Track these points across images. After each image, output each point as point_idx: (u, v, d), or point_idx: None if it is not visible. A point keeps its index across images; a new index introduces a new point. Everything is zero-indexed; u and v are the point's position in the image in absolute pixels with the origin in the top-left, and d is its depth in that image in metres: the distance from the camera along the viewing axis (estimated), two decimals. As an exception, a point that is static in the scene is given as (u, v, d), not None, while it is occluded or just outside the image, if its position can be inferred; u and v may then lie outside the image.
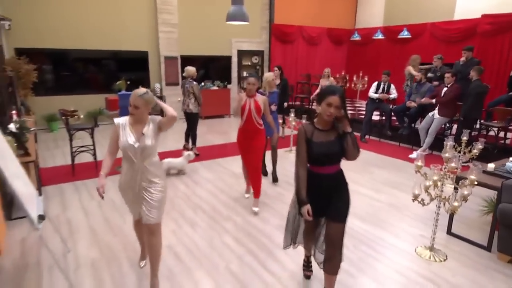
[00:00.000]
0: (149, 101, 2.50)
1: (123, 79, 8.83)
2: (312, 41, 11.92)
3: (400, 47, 10.57)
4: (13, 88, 5.53)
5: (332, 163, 2.43)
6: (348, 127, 2.30)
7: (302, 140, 2.39)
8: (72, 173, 5.31)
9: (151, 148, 2.57)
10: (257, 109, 4.04)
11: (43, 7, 7.85)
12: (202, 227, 3.86)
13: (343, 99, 2.24)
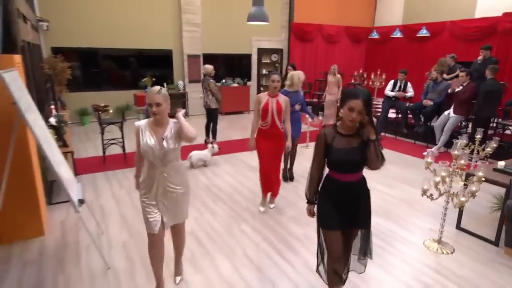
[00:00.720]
0: (167, 96, 2.38)
1: (149, 76, 9.19)
2: (331, 39, 11.93)
3: (419, 46, 10.46)
4: (52, 84, 5.90)
5: (353, 171, 2.23)
6: (372, 134, 2.08)
7: (320, 145, 2.23)
8: (104, 164, 5.66)
9: (173, 152, 2.42)
10: (279, 110, 3.81)
11: (76, 9, 8.25)
12: (221, 216, 4.08)
13: (368, 103, 2.02)
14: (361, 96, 2.00)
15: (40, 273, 2.95)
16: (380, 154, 2.12)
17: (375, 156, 2.10)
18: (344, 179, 2.24)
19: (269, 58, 11.58)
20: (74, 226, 3.74)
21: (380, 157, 2.11)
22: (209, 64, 6.86)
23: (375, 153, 2.09)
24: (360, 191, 2.32)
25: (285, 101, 3.85)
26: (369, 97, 2.04)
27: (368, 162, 2.14)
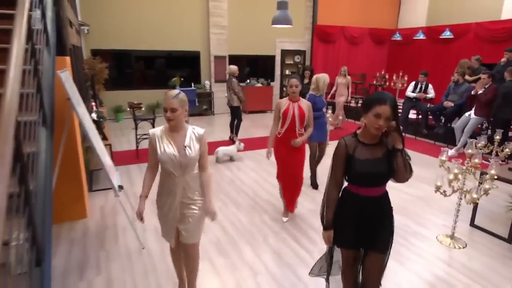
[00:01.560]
0: (184, 101, 2.16)
1: (178, 76, 9.57)
2: (353, 40, 11.94)
3: (442, 47, 10.32)
4: (93, 83, 6.34)
5: (377, 185, 1.97)
6: (399, 143, 1.84)
7: (340, 157, 1.96)
8: (137, 157, 6.03)
9: (195, 160, 2.25)
10: (301, 116, 3.53)
11: (112, 14, 8.73)
12: (244, 207, 4.32)
13: (395, 109, 1.79)
14: (388, 101, 1.77)
15: (84, 249, 3.29)
16: (409, 165, 1.87)
17: (403, 167, 1.85)
18: (366, 194, 1.98)
19: (292, 59, 11.74)
20: (112, 210, 4.09)
21: (408, 168, 1.86)
22: (234, 64, 7.13)
23: (403, 164, 1.84)
24: (382, 208, 2.05)
25: (308, 106, 3.59)
26: (395, 101, 1.81)
27: (395, 174, 1.90)
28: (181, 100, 2.14)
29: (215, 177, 5.25)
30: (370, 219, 2.02)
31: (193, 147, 2.22)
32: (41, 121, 2.44)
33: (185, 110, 2.18)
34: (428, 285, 2.90)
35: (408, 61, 11.36)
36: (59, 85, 2.87)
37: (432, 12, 11.19)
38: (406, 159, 1.88)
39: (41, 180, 2.19)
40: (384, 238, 2.06)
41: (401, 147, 1.86)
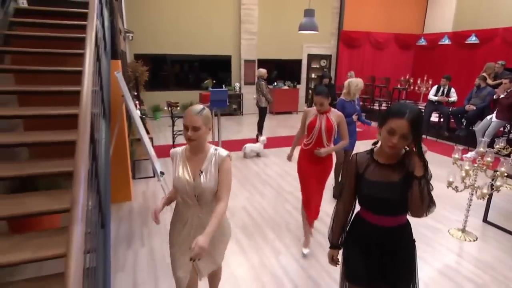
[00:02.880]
0: (208, 118, 1.81)
1: (210, 79, 10.02)
2: (378, 46, 11.93)
3: (468, 52, 10.13)
4: (136, 84, 6.87)
5: (390, 213, 1.62)
6: (419, 169, 1.46)
7: (350, 174, 1.71)
8: (173, 151, 6.48)
9: (212, 189, 1.84)
10: (329, 129, 3.09)
11: (152, 22, 9.30)
12: (268, 197, 4.61)
13: (416, 125, 1.42)
14: (407, 114, 1.41)
15: (130, 226, 3.71)
16: (428, 197, 1.47)
17: (419, 200, 1.46)
18: (378, 222, 1.64)
19: (318, 63, 11.91)
20: (152, 195, 4.51)
21: (426, 202, 1.46)
22: (262, 68, 7.44)
23: (420, 196, 1.45)
24: (398, 242, 1.67)
25: (338, 117, 3.13)
26: (418, 116, 1.42)
27: (409, 205, 1.52)
28: (205, 117, 1.78)
29: (243, 172, 5.58)
30: (382, 253, 1.65)
31: (210, 173, 1.83)
32: (102, 114, 2.85)
33: (208, 129, 1.82)
34: (437, 271, 3.05)
35: (434, 66, 11.22)
36: (114, 84, 3.29)
37: (459, 17, 11.00)
38: (425, 189, 1.45)
39: (102, 161, 2.59)
40: (402, 275, 1.69)
41: (420, 174, 1.44)
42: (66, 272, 1.30)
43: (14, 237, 2.27)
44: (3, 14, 3.32)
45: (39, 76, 3.38)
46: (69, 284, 1.24)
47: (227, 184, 1.87)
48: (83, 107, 1.99)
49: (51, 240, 2.14)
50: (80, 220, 1.48)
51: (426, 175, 1.47)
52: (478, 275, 3.00)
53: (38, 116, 2.86)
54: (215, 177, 1.85)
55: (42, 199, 2.38)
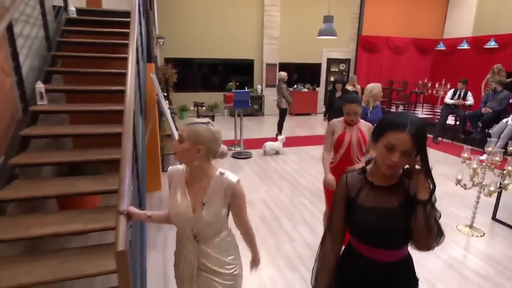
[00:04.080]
0: (194, 135, 1.40)
1: (233, 81, 10.32)
2: (397, 50, 11.85)
3: (486, 57, 9.91)
4: (166, 86, 7.24)
5: (389, 246, 1.29)
6: (423, 192, 1.17)
7: (340, 199, 1.34)
8: (198, 147, 6.80)
9: (215, 224, 1.50)
10: (361, 142, 2.70)
11: (182, 28, 9.71)
12: (286, 191, 4.80)
13: (419, 139, 1.13)
14: (409, 126, 1.12)
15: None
16: (435, 226, 1.18)
17: (425, 229, 1.17)
18: (375, 257, 1.30)
19: (337, 67, 11.96)
20: (180, 186, 4.81)
21: (434, 231, 1.17)
22: (283, 71, 7.63)
23: (426, 225, 1.16)
24: (399, 281, 1.33)
25: (369, 129, 2.71)
26: (421, 128, 1.14)
27: (414, 236, 1.22)
28: (192, 131, 1.41)
29: (262, 168, 5.79)
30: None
31: (214, 204, 1.47)
32: (139, 111, 3.15)
33: (196, 150, 1.41)
34: (443, 262, 3.14)
35: (452, 70, 11.03)
36: (149, 85, 3.59)
37: (479, 22, 10.76)
38: (432, 217, 1.16)
39: (140, 151, 2.88)
40: None
41: (424, 198, 1.16)
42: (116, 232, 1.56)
43: (66, 212, 2.59)
44: (57, 24, 3.71)
45: (83, 77, 3.73)
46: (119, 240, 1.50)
47: (244, 211, 1.59)
48: (127, 104, 2.27)
49: (96, 216, 2.43)
50: (126, 194, 1.74)
51: (431, 199, 1.16)
52: (483, 268, 3.07)
53: (86, 112, 3.20)
54: (220, 208, 1.48)
55: (89, 182, 2.68)
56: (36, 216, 2.50)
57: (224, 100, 10.11)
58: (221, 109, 10.41)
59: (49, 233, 2.17)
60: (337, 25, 7.06)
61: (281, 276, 2.91)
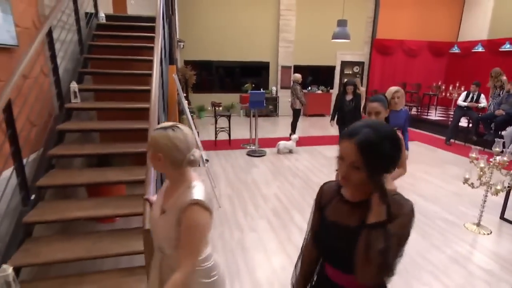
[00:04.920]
0: (156, 143, 1.27)
1: (249, 83, 10.49)
2: (411, 53, 11.70)
3: (502, 60, 9.67)
4: (186, 87, 7.47)
5: (349, 270, 1.02)
6: (374, 214, 0.97)
7: (314, 206, 1.25)
8: (215, 145, 6.98)
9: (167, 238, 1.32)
10: None
11: (201, 32, 9.95)
12: (297, 187, 4.91)
13: (368, 152, 0.94)
14: (358, 135, 0.96)
15: (179, 204, 4.19)
16: (379, 258, 0.93)
17: (363, 257, 0.96)
18: (334, 279, 1.14)
19: (351, 69, 11.94)
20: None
21: (375, 263, 0.94)
22: (298, 73, 7.72)
23: (364, 252, 0.95)
24: None
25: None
26: (372, 140, 0.95)
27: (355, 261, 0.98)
28: (151, 138, 1.30)
29: (276, 165, 5.91)
30: None
31: (169, 217, 1.30)
32: (162, 109, 3.34)
33: (157, 158, 1.28)
34: (448, 257, 3.18)
35: (467, 73, 10.81)
36: (171, 85, 3.78)
37: (494, 25, 10.51)
38: (376, 245, 0.93)
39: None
40: None
41: (372, 221, 0.97)
42: (144, 214, 1.73)
43: (95, 199, 2.80)
44: (88, 29, 3.95)
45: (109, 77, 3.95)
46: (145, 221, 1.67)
47: (188, 244, 1.24)
48: (153, 102, 2.45)
49: (123, 203, 2.63)
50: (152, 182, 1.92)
51: (384, 224, 0.95)
52: (488, 264, 3.09)
53: (113, 109, 3.41)
54: (173, 224, 1.27)
55: (115, 172, 2.89)
56: (70, 201, 2.72)
57: (240, 101, 10.29)
58: (237, 110, 10.60)
59: (83, 216, 2.38)
60: (351, 29, 7.11)
61: (291, 265, 3.03)
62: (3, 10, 2.35)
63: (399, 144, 0.99)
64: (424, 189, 4.83)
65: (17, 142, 2.22)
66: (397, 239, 0.97)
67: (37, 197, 2.47)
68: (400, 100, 3.32)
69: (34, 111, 2.60)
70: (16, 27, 2.52)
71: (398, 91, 3.30)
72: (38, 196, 2.49)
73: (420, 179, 5.27)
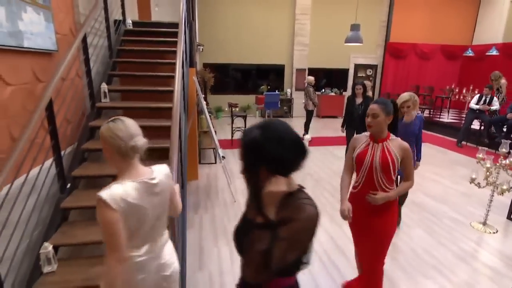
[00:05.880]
0: (100, 134, 1.37)
1: (265, 84, 10.62)
2: (424, 56, 11.54)
3: (518, 63, 9.43)
4: (205, 88, 7.67)
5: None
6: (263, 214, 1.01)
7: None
8: (231, 144, 7.14)
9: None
10: (384, 164, 1.96)
11: (219, 36, 10.16)
12: (309, 184, 5.00)
13: (249, 152, 1.00)
14: (244, 136, 1.00)
15: (197, 198, 4.37)
16: (260, 258, 0.94)
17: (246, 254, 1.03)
18: (243, 272, 1.12)
19: (364, 72, 11.87)
20: (214, 177, 5.17)
21: (254, 262, 0.98)
22: (312, 76, 7.80)
23: (249, 250, 1.00)
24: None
25: (402, 149, 1.97)
26: (254, 142, 0.97)
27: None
28: (100, 132, 1.38)
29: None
30: None
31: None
32: (183, 108, 3.52)
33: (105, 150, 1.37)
34: (453, 254, 3.21)
35: (481, 76, 10.54)
36: (191, 86, 3.96)
37: (510, 28, 10.23)
38: (254, 244, 0.96)
39: (183, 142, 3.23)
40: None
41: (258, 221, 1.00)
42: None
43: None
44: (117, 35, 4.19)
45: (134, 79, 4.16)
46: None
47: (103, 237, 1.28)
48: (175, 102, 2.61)
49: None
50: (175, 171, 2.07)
51: (271, 225, 0.94)
52: (493, 261, 3.10)
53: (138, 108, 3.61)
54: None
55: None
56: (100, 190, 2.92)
57: (256, 102, 10.44)
58: (253, 110, 10.75)
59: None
60: (365, 33, 7.13)
61: (300, 256, 3.14)
62: (46, 19, 2.57)
63: (292, 147, 0.96)
64: (433, 189, 4.83)
65: (56, 137, 2.43)
66: (288, 244, 0.90)
67: (72, 186, 2.68)
68: (411, 109, 3.11)
69: (70, 110, 2.82)
70: (56, 34, 2.74)
71: (408, 100, 3.07)
72: (73, 185, 2.70)
73: (429, 179, 5.26)
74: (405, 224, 3.75)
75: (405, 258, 3.13)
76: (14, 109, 2.23)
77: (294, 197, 0.98)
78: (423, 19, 11.29)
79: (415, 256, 3.17)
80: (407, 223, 3.78)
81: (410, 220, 3.85)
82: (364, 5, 10.30)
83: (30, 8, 2.38)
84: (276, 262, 0.91)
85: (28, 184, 2.07)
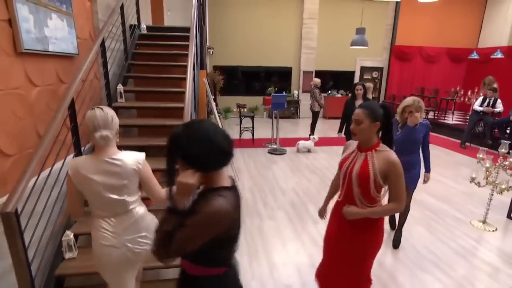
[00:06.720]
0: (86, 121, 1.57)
1: (273, 86, 10.70)
2: (430, 59, 11.45)
3: (523, 66, 9.30)
4: (214, 90, 7.81)
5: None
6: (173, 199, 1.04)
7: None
8: (239, 143, 7.25)
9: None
10: (362, 178, 1.69)
11: (228, 40, 10.29)
12: (314, 183, 5.06)
13: (171, 145, 1.06)
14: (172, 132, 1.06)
15: (206, 193, 4.48)
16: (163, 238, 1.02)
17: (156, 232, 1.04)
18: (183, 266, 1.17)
19: (370, 74, 11.85)
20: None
21: (158, 240, 1.03)
22: (319, 78, 7.85)
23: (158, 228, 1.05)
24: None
25: (387, 164, 1.64)
26: (177, 136, 1.05)
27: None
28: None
29: (295, 163, 6.09)
30: None
31: None
32: (193, 108, 3.63)
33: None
34: (453, 250, 3.24)
35: (486, 79, 10.44)
36: (201, 88, 4.07)
37: (516, 31, 10.10)
38: (165, 228, 1.02)
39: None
40: None
41: (169, 206, 1.04)
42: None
43: (137, 185, 3.11)
44: (132, 39, 4.33)
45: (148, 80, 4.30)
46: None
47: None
48: (186, 102, 2.73)
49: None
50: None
51: (181, 213, 1.02)
52: (492, 258, 3.12)
53: (152, 108, 3.75)
54: None
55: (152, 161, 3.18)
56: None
57: (263, 103, 10.54)
58: (261, 111, 10.85)
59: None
60: (371, 36, 7.16)
61: (304, 250, 3.22)
62: (69, 25, 2.72)
63: (207, 147, 1.02)
64: (436, 188, 4.83)
65: (77, 134, 2.56)
66: (188, 232, 0.99)
67: (91, 180, 2.81)
68: (413, 114, 2.75)
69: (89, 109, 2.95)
70: (77, 39, 2.88)
71: (411, 105, 2.76)
72: (91, 179, 2.83)
73: (433, 179, 5.20)
74: (406, 221, 3.78)
75: (405, 253, 3.18)
76: (40, 108, 2.38)
77: (211, 193, 1.06)
78: (429, 22, 11.21)
79: (415, 252, 3.21)
80: (408, 220, 3.81)
81: (411, 217, 3.88)
82: (370, 9, 10.30)
83: (55, 15, 2.52)
84: (175, 245, 1.00)
85: (52, 177, 2.20)
